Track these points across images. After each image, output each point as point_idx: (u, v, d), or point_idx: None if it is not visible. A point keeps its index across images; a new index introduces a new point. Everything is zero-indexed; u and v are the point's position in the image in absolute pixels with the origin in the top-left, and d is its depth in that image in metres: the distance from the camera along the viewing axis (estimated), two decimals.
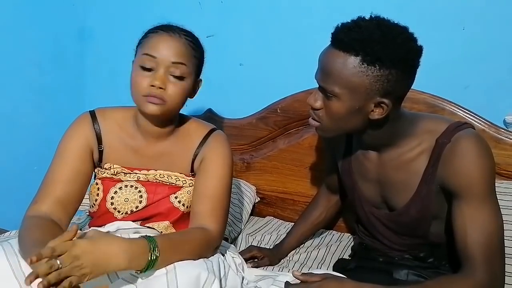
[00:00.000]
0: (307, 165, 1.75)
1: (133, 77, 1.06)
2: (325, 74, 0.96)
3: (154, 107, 1.04)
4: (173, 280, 0.87)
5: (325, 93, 0.98)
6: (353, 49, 0.91)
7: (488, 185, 0.96)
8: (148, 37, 1.08)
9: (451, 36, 1.52)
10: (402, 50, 0.91)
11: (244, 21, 1.87)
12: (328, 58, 0.96)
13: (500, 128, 1.48)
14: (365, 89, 0.93)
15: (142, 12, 2.05)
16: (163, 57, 1.03)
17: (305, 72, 1.77)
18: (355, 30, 0.92)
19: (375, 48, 0.89)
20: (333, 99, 0.96)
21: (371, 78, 0.91)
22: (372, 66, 0.91)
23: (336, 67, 0.93)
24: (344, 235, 1.64)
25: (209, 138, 1.17)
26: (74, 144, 1.13)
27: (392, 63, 0.90)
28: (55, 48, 2.06)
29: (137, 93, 1.05)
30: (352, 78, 0.92)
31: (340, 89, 0.94)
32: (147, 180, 1.16)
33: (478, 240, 0.93)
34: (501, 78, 1.51)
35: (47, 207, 1.05)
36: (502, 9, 1.49)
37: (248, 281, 1.15)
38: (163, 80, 1.03)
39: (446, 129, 0.99)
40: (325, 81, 0.96)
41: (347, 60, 0.92)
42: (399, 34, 0.92)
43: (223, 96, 1.96)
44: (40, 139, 1.96)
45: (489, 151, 0.97)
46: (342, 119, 0.98)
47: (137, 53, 1.09)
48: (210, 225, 1.07)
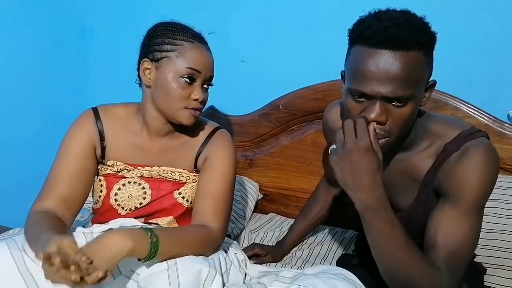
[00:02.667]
0: (310, 161, 1.75)
1: (175, 88, 1.06)
2: (398, 82, 0.85)
3: (193, 118, 1.10)
4: (174, 275, 0.87)
5: (396, 102, 0.87)
6: (416, 44, 0.84)
7: (480, 200, 0.92)
8: (184, 47, 1.07)
9: (454, 31, 1.51)
10: (433, 34, 0.90)
11: (245, 17, 1.87)
12: (396, 64, 0.84)
13: (504, 123, 1.47)
14: (426, 79, 0.90)
15: (143, 10, 2.05)
16: (205, 72, 1.09)
17: (307, 68, 1.79)
18: (405, 25, 0.85)
19: (425, 37, 0.87)
20: (408, 103, 0.88)
21: (428, 66, 0.89)
22: (427, 56, 0.88)
23: (409, 69, 0.84)
24: (347, 232, 1.64)
25: (213, 136, 1.18)
26: (77, 142, 1.13)
27: (432, 48, 0.89)
28: (57, 46, 2.07)
29: (178, 105, 1.07)
30: (422, 73, 0.88)
31: (416, 90, 0.87)
32: (151, 177, 1.16)
33: (447, 244, 0.90)
34: (504, 72, 1.51)
35: (51, 203, 1.05)
36: (505, 3, 1.48)
37: (251, 277, 1.15)
38: (202, 94, 1.09)
39: (457, 136, 0.94)
40: (401, 89, 0.85)
41: (414, 57, 0.85)
42: (423, 19, 0.90)
43: (225, 93, 1.94)
44: (42, 137, 1.96)
45: (495, 167, 0.92)
46: (412, 119, 0.92)
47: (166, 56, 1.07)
48: (212, 223, 1.07)
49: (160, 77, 1.07)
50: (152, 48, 1.08)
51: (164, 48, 1.07)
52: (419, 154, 0.99)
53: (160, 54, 1.07)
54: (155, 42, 1.08)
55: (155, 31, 1.10)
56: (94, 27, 2.18)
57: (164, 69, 1.07)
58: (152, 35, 1.10)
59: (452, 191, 0.92)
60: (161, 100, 1.08)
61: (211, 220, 1.07)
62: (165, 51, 1.07)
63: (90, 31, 2.19)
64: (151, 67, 1.09)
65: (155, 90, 1.09)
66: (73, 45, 2.16)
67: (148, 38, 1.11)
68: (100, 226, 1.08)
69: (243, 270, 1.13)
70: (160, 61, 1.07)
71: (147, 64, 1.09)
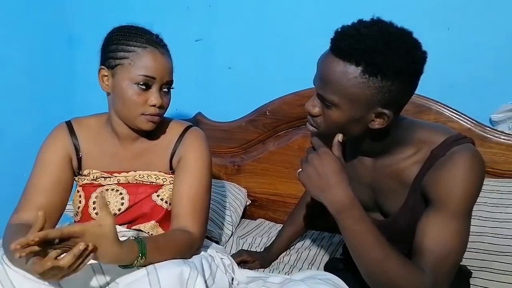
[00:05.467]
0: (297, 167, 1.74)
1: (129, 95, 1.06)
2: (324, 83, 0.91)
3: (152, 124, 1.09)
4: (155, 280, 0.87)
5: (323, 101, 0.93)
6: (354, 59, 0.85)
7: (467, 205, 0.92)
8: (137, 53, 1.06)
9: (436, 37, 1.54)
10: (406, 60, 0.85)
11: (232, 25, 1.88)
12: (327, 66, 0.90)
13: (486, 127, 1.50)
14: (366, 100, 0.88)
15: (130, 18, 2.01)
16: (160, 77, 1.07)
17: (294, 75, 1.80)
18: (356, 37, 0.86)
19: (377, 58, 0.84)
20: (332, 108, 0.91)
21: (372, 89, 0.86)
22: (373, 77, 0.85)
23: (335, 77, 0.88)
24: (335, 236, 1.65)
25: (185, 135, 1.18)
26: (53, 153, 1.14)
27: (395, 74, 0.85)
28: (44, 55, 2.07)
29: (135, 112, 1.07)
30: (353, 89, 0.87)
31: (340, 99, 0.89)
32: (128, 182, 1.16)
33: (433, 249, 0.90)
34: (486, 77, 1.53)
35: (29, 215, 1.05)
36: (486, 9, 1.51)
37: (239, 282, 1.15)
38: (160, 99, 1.07)
39: (443, 142, 0.95)
40: (324, 90, 0.91)
41: (347, 69, 0.86)
42: (402, 43, 0.86)
43: (212, 99, 1.97)
44: (30, 146, 1.92)
45: (481, 172, 0.92)
46: (340, 128, 0.95)
47: (120, 63, 1.06)
48: (191, 227, 1.08)
49: (116, 85, 1.07)
50: (108, 55, 1.08)
51: (118, 56, 1.06)
52: (406, 160, 0.99)
53: (115, 61, 1.07)
54: (110, 49, 1.08)
55: (111, 37, 1.10)
56: (81, 36, 2.17)
57: (119, 77, 1.07)
58: (107, 41, 1.10)
59: (439, 196, 0.92)
60: (118, 107, 1.09)
61: (190, 224, 1.08)
62: (119, 58, 1.06)
63: (78, 40, 2.18)
64: (108, 74, 1.09)
65: (114, 98, 1.10)
66: (60, 54, 2.15)
67: (105, 44, 1.11)
68: None
69: (230, 274, 1.14)
70: (115, 68, 1.07)
71: (104, 71, 1.09)
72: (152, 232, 1.15)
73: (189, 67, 1.86)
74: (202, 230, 1.11)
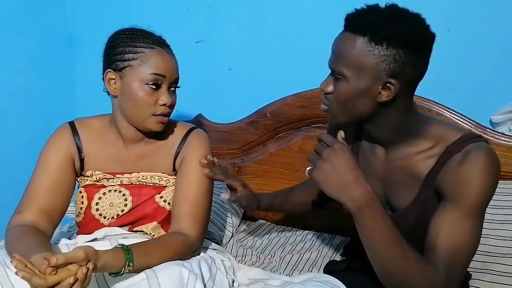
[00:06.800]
0: (297, 168, 1.76)
1: (141, 96, 1.06)
2: (335, 57, 0.96)
3: (161, 125, 1.10)
4: (155, 283, 0.87)
5: (335, 76, 0.96)
6: (361, 29, 0.90)
7: (482, 203, 0.92)
8: (146, 54, 1.07)
9: (437, 38, 1.51)
10: (410, 31, 0.89)
11: (232, 26, 1.88)
12: (339, 41, 0.95)
13: (486, 128, 1.50)
14: (372, 69, 0.91)
15: (131, 19, 2.03)
16: (170, 75, 1.09)
17: (294, 76, 1.81)
18: (365, 11, 0.92)
19: (382, 27, 0.88)
20: (342, 81, 0.94)
21: (378, 57, 0.89)
22: (379, 45, 0.89)
23: (345, 48, 0.93)
24: (335, 237, 1.65)
25: (189, 137, 1.18)
26: (55, 154, 1.14)
27: (399, 42, 0.88)
28: (44, 56, 2.07)
29: (146, 112, 1.07)
30: (359, 57, 0.91)
31: (348, 70, 0.92)
32: (131, 183, 1.16)
33: (447, 246, 0.90)
34: (486, 78, 1.54)
35: (31, 216, 1.05)
36: (486, 11, 1.51)
37: (240, 284, 1.15)
38: (170, 98, 1.09)
39: (459, 138, 0.95)
40: (334, 63, 0.95)
41: (355, 40, 0.91)
42: (409, 16, 0.91)
43: (213, 101, 1.97)
44: (30, 147, 1.93)
45: (496, 171, 0.93)
46: (350, 102, 0.95)
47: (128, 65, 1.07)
48: (190, 229, 1.08)
49: (125, 87, 1.07)
50: (114, 58, 1.08)
51: (125, 57, 1.07)
52: (420, 154, 0.99)
53: (123, 63, 1.07)
54: (116, 52, 1.08)
55: (115, 40, 1.10)
56: (82, 37, 2.18)
57: (128, 78, 1.07)
58: (112, 44, 1.10)
59: (454, 193, 0.92)
60: (128, 109, 1.09)
61: (188, 227, 1.08)
62: (127, 60, 1.07)
63: (78, 41, 2.18)
64: (115, 77, 1.09)
65: (122, 100, 1.09)
66: (61, 55, 2.15)
67: (109, 47, 1.11)
68: (85, 236, 1.08)
69: (230, 276, 1.14)
70: (123, 70, 1.07)
71: (111, 75, 1.09)
72: (153, 233, 1.15)
73: (190, 68, 1.84)
74: (200, 232, 1.10)
